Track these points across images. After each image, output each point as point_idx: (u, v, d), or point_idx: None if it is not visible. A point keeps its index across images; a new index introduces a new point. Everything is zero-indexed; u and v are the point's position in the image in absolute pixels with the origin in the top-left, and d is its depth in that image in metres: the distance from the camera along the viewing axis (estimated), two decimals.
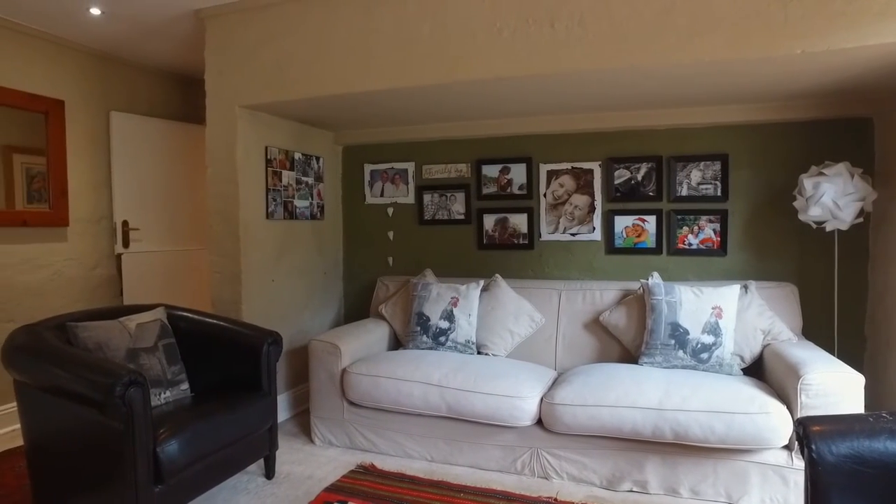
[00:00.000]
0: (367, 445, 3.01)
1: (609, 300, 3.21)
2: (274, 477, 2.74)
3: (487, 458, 2.79)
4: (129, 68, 4.11)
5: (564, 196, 3.58)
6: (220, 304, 3.25)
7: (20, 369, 2.18)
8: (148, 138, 4.14)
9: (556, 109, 3.31)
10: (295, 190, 3.61)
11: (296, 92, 2.98)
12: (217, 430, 2.32)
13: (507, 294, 3.33)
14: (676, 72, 2.48)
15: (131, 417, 1.99)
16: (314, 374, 3.09)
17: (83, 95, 3.79)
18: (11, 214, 3.38)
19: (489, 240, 3.76)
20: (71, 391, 2.07)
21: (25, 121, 3.47)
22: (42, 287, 3.57)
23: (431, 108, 3.25)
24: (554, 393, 2.63)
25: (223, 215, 3.22)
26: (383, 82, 2.78)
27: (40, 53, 3.54)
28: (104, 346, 2.39)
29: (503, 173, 3.71)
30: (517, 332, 3.25)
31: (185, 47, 3.77)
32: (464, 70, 2.64)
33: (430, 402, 2.78)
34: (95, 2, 3.07)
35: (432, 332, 3.23)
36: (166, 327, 2.63)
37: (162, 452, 2.08)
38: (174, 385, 2.53)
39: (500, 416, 2.67)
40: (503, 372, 2.81)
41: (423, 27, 2.71)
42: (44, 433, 2.21)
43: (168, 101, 4.41)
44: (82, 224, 3.79)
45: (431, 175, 3.88)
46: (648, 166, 3.40)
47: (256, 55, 3.06)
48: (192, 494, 2.29)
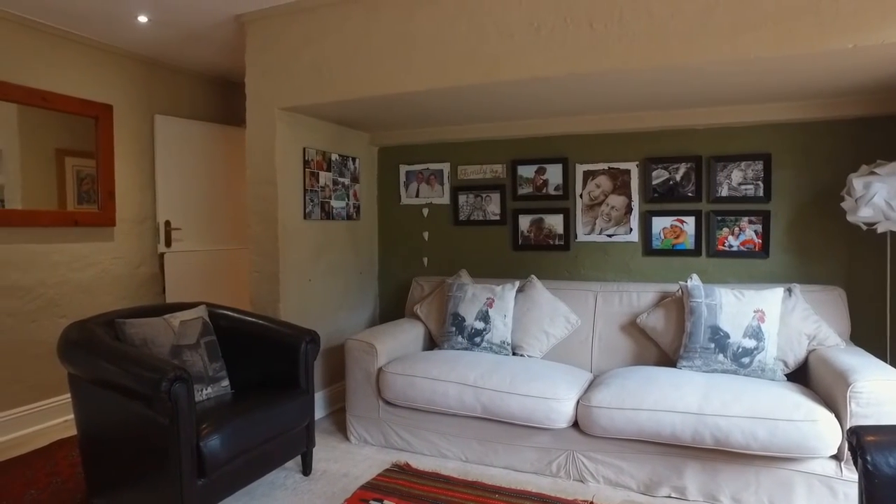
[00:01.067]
0: (402, 444, 3.03)
1: (646, 302, 3.16)
2: (311, 473, 2.77)
3: (522, 460, 2.77)
4: (173, 73, 4.23)
5: (601, 197, 3.54)
6: (259, 303, 3.31)
7: (74, 363, 2.27)
8: (190, 140, 4.26)
9: (593, 109, 3.27)
10: (332, 190, 3.66)
11: (334, 94, 3.02)
12: (257, 427, 2.36)
13: (543, 295, 3.31)
14: (718, 70, 2.43)
15: (176, 412, 2.04)
16: (350, 372, 3.12)
17: (130, 100, 3.92)
18: (64, 215, 3.52)
19: (524, 240, 3.75)
20: (120, 385, 2.14)
21: (77, 125, 3.60)
22: (91, 284, 3.70)
23: (467, 108, 3.25)
24: (590, 395, 2.61)
25: (262, 216, 3.28)
26: (421, 83, 2.80)
27: (91, 61, 3.68)
28: (150, 343, 2.47)
29: (539, 174, 3.69)
30: (553, 333, 3.22)
31: (226, 52, 3.86)
32: (501, 70, 2.63)
33: (466, 402, 2.78)
34: (143, 10, 3.18)
35: (467, 332, 3.23)
36: (208, 325, 2.69)
37: (205, 447, 2.13)
38: (215, 381, 2.59)
39: (535, 417, 2.66)
40: (539, 373, 2.80)
41: (460, 28, 2.72)
42: (95, 424, 2.29)
43: (209, 104, 4.53)
44: (128, 224, 3.92)
45: (466, 176, 3.88)
46: (687, 166, 3.34)
47: (296, 58, 3.12)
48: (233, 488, 2.34)
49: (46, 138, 3.46)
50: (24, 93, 3.30)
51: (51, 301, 3.49)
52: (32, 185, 3.39)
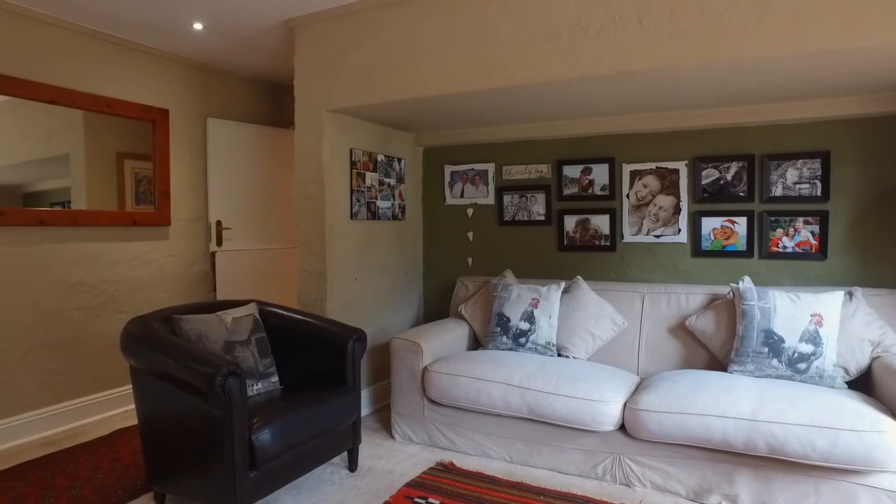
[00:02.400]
0: (446, 443, 3.04)
1: (695, 304, 3.09)
2: (356, 470, 2.82)
3: (567, 462, 2.75)
4: (225, 77, 4.37)
5: (648, 197, 3.48)
6: (306, 301, 3.38)
7: (135, 356, 2.37)
8: (240, 142, 4.39)
9: (641, 108, 3.22)
10: (378, 191, 3.71)
11: (381, 95, 3.06)
12: (306, 422, 2.42)
13: (589, 296, 3.27)
14: (775, 65, 2.35)
15: (230, 406, 2.11)
16: (396, 371, 3.16)
17: (184, 104, 4.07)
18: (123, 214, 3.68)
19: (570, 241, 3.71)
20: (177, 378, 2.22)
21: (135, 129, 3.76)
22: (147, 281, 3.86)
23: (513, 109, 3.24)
24: (638, 398, 2.56)
25: (310, 215, 3.35)
26: (467, 84, 2.81)
27: (150, 67, 3.83)
28: (204, 338, 2.55)
29: (584, 174, 3.65)
30: (598, 334, 3.19)
31: (276, 56, 3.96)
32: (549, 70, 2.62)
33: (511, 402, 2.78)
34: (199, 18, 3.29)
35: (512, 332, 3.22)
36: (258, 322, 2.77)
37: (256, 440, 2.19)
38: (265, 377, 2.66)
39: (581, 419, 2.63)
40: (585, 375, 2.77)
41: (506, 28, 2.71)
42: (154, 415, 2.38)
43: (259, 106, 4.66)
44: (182, 223, 4.07)
45: (511, 176, 3.87)
46: (739, 165, 3.24)
47: (343, 60, 3.17)
48: (282, 482, 2.39)
49: (108, 142, 3.63)
50: (90, 100, 3.47)
51: (111, 297, 3.65)
52: (95, 187, 3.56)
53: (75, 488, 2.62)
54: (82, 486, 2.64)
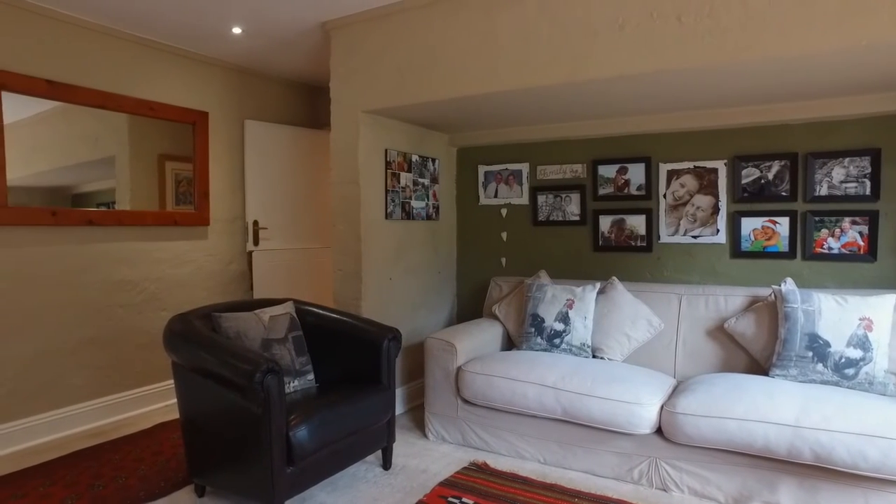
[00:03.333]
0: (480, 443, 3.04)
1: (735, 307, 3.02)
2: (391, 468, 2.84)
3: (602, 465, 2.72)
4: (262, 80, 4.45)
5: (686, 197, 3.41)
6: (342, 300, 3.42)
7: (176, 352, 2.44)
8: (276, 144, 4.47)
9: (679, 106, 3.16)
10: (412, 191, 3.73)
11: (415, 96, 3.07)
12: (342, 420, 2.45)
13: (624, 297, 3.23)
14: (823, 61, 2.27)
15: (268, 403, 2.15)
16: (429, 370, 3.17)
17: (223, 106, 4.16)
18: (165, 215, 3.79)
19: (605, 241, 3.67)
20: (217, 375, 2.28)
21: (175, 132, 3.87)
22: (187, 279, 3.96)
23: (548, 108, 3.22)
24: (675, 401, 2.52)
25: (345, 215, 3.39)
26: (502, 84, 2.80)
27: (190, 71, 3.94)
28: (243, 336, 2.61)
29: (620, 173, 3.60)
30: (634, 336, 3.14)
31: (312, 58, 4.02)
32: (585, 69, 2.59)
33: (545, 403, 2.76)
34: (238, 22, 3.37)
35: (547, 333, 3.20)
36: (295, 320, 2.81)
37: (293, 437, 2.23)
38: (301, 375, 2.70)
39: (617, 421, 2.60)
40: (621, 377, 2.73)
41: (542, 27, 2.70)
42: (195, 410, 2.44)
43: (295, 108, 4.73)
44: (220, 223, 4.16)
45: (546, 176, 3.85)
46: (781, 164, 3.15)
47: (378, 62, 3.20)
48: (318, 478, 2.43)
49: (151, 144, 3.74)
50: (135, 103, 3.58)
51: (153, 295, 3.76)
52: (139, 188, 3.68)
53: (121, 478, 2.71)
54: (127, 476, 2.73)
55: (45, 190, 3.23)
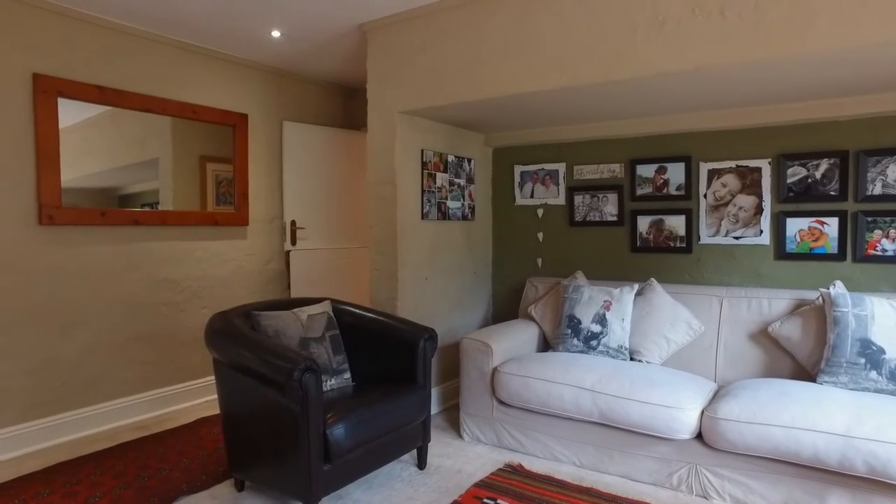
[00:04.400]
0: (515, 445, 3.02)
1: (779, 310, 2.93)
2: (425, 468, 2.85)
3: (640, 470, 2.67)
4: (300, 82, 4.52)
5: (727, 196, 3.33)
6: (378, 300, 3.45)
7: (217, 349, 2.49)
8: (313, 145, 4.53)
9: (720, 104, 3.08)
10: (448, 191, 3.74)
11: (452, 96, 3.07)
12: (378, 419, 2.46)
13: (663, 299, 3.17)
14: (879, 52, 2.16)
15: (306, 400, 2.18)
16: (465, 371, 3.17)
17: (262, 108, 4.24)
18: (206, 215, 3.88)
19: (643, 242, 3.60)
20: (256, 372, 2.32)
21: (216, 134, 3.96)
22: (227, 278, 4.05)
23: (585, 107, 3.18)
24: (716, 406, 2.45)
25: (382, 216, 3.42)
26: (539, 83, 2.78)
27: (230, 74, 4.03)
28: (281, 334, 2.65)
29: (659, 173, 3.53)
30: (673, 339, 3.08)
31: (348, 60, 4.07)
32: (624, 67, 2.55)
33: (582, 406, 2.73)
34: (277, 26, 3.42)
35: (583, 335, 3.17)
36: (332, 319, 2.85)
37: (331, 435, 2.26)
38: (338, 373, 2.73)
39: (656, 426, 2.55)
40: (660, 380, 2.68)
41: (580, 25, 2.67)
42: (235, 406, 2.50)
43: (331, 109, 4.79)
44: (259, 223, 4.24)
45: (583, 176, 3.80)
46: (830, 162, 3.04)
47: (415, 63, 3.21)
48: (354, 476, 2.45)
49: (192, 146, 3.84)
50: (179, 107, 3.68)
51: (195, 293, 3.86)
52: (181, 189, 3.78)
53: (165, 470, 2.79)
54: (171, 468, 2.81)
55: (94, 191, 3.35)
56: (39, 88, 3.06)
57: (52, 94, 3.10)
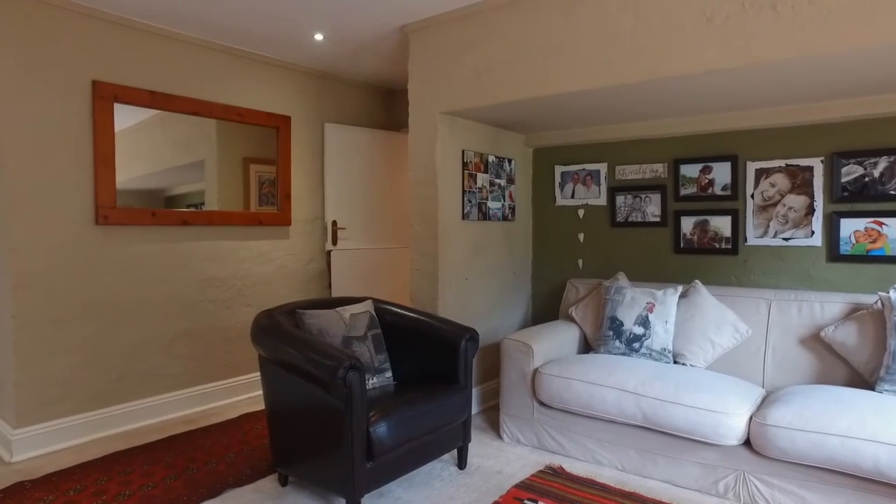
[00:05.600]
0: (555, 447, 3.00)
1: (833, 314, 2.83)
2: (465, 468, 2.85)
3: (684, 475, 2.62)
4: (341, 84, 4.58)
5: (776, 196, 3.23)
6: (419, 300, 3.47)
7: (263, 346, 2.55)
8: (354, 146, 4.59)
9: (769, 101, 2.99)
10: (488, 192, 3.73)
11: (494, 97, 3.07)
12: (420, 418, 2.48)
13: (708, 301, 3.10)
14: None
15: (350, 398, 2.21)
16: (505, 372, 3.16)
17: (304, 110, 4.32)
18: (250, 215, 3.97)
19: (687, 243, 3.53)
20: (301, 369, 2.36)
21: (259, 135, 4.05)
22: (270, 277, 4.14)
23: (629, 106, 3.14)
24: (766, 412, 2.39)
25: (423, 216, 3.44)
26: (583, 83, 2.75)
27: (274, 77, 4.11)
28: (325, 332, 2.70)
29: (704, 173, 3.46)
30: (719, 342, 3.01)
31: (389, 61, 4.10)
32: (670, 66, 2.50)
33: (625, 409, 2.69)
34: (320, 29, 3.48)
35: (626, 337, 3.12)
36: (374, 319, 2.88)
37: (374, 432, 2.28)
38: (380, 372, 2.76)
39: (701, 431, 2.50)
40: (705, 384, 2.62)
41: (624, 23, 2.63)
42: (280, 402, 2.55)
43: (372, 110, 4.84)
44: (301, 224, 4.32)
45: (625, 176, 3.75)
46: (890, 160, 2.92)
47: (456, 63, 3.22)
48: (395, 474, 2.47)
49: (236, 148, 3.93)
50: (224, 110, 3.78)
51: (239, 291, 3.96)
52: (225, 190, 3.88)
53: (212, 463, 2.87)
54: (217, 462, 2.89)
55: (142, 192, 3.46)
56: (98, 94, 3.19)
57: (108, 100, 3.22)
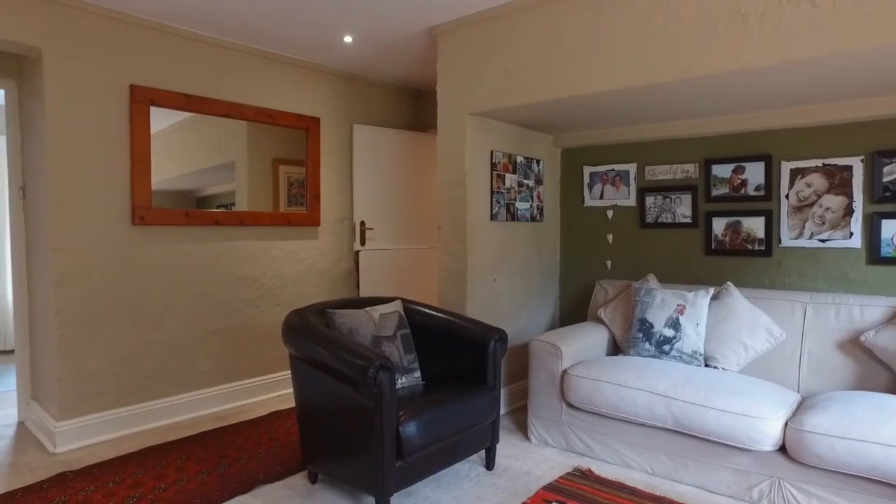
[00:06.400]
0: (584, 449, 2.98)
1: (873, 318, 2.75)
2: (493, 468, 2.85)
3: (717, 481, 2.58)
4: (369, 85, 4.62)
5: (812, 197, 3.15)
6: (447, 300, 3.48)
7: (294, 345, 2.58)
8: (382, 147, 4.62)
9: (805, 99, 2.92)
10: (517, 192, 3.72)
11: (523, 97, 3.06)
12: (449, 418, 2.48)
13: (741, 304, 3.04)
14: None
15: (380, 397, 2.23)
16: (534, 373, 3.15)
17: (333, 112, 4.36)
18: (279, 216, 4.03)
19: (718, 245, 3.47)
20: (332, 368, 2.38)
21: (288, 136, 4.10)
22: (299, 277, 4.19)
23: (659, 106, 3.10)
24: (802, 418, 2.33)
25: (452, 217, 3.44)
26: (613, 83, 2.73)
27: (303, 79, 4.16)
28: (355, 332, 2.72)
29: (736, 173, 3.39)
30: (752, 346, 2.95)
31: (416, 63, 4.12)
32: (703, 64, 2.47)
33: (655, 412, 2.66)
34: (349, 31, 3.52)
35: (655, 339, 3.08)
36: (403, 319, 2.89)
37: (403, 432, 2.29)
38: (409, 372, 2.77)
39: (734, 435, 2.45)
40: (738, 388, 2.57)
41: (655, 22, 2.60)
42: (310, 400, 2.58)
43: (399, 111, 4.87)
44: (329, 224, 4.36)
45: (655, 176, 3.70)
46: None
47: (485, 64, 3.22)
48: (424, 474, 2.48)
49: (266, 149, 3.99)
50: (256, 112, 3.84)
51: (269, 291, 4.01)
52: (255, 190, 3.94)
53: (243, 459, 2.92)
54: (248, 458, 2.94)
55: (174, 193, 3.54)
56: (135, 98, 3.27)
57: (145, 103, 3.30)
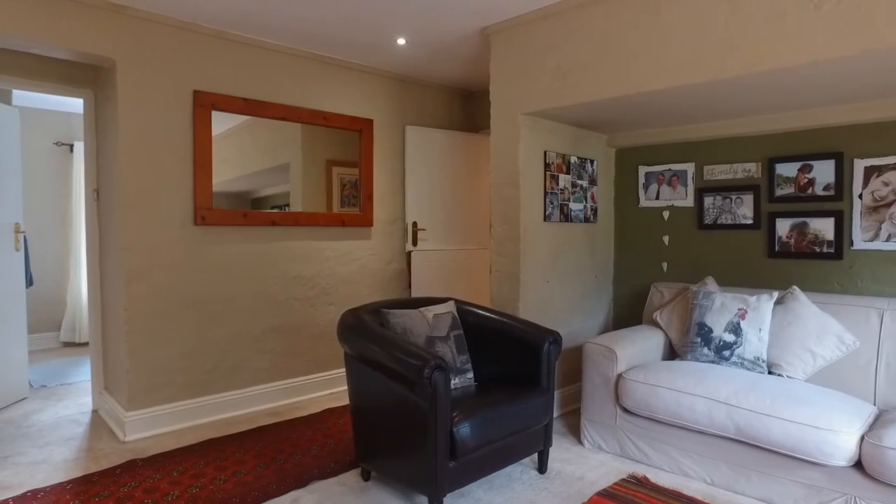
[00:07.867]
0: (639, 456, 2.91)
1: None
2: (546, 472, 2.82)
3: (783, 495, 2.47)
4: (421, 87, 4.65)
5: (889, 197, 2.98)
6: (499, 301, 3.46)
7: (349, 344, 2.62)
8: (434, 148, 4.64)
9: (883, 91, 2.75)
10: (570, 193, 3.67)
11: (577, 96, 3.02)
12: (503, 419, 2.47)
13: (808, 309, 2.91)
14: None
15: (435, 397, 2.24)
16: (587, 376, 3.10)
17: (386, 113, 4.42)
18: (333, 216, 4.10)
19: (782, 247, 3.33)
20: (387, 368, 2.41)
21: (341, 138, 4.17)
22: (352, 277, 4.26)
23: (720, 103, 2.99)
24: (882, 433, 2.20)
25: (505, 217, 3.43)
26: (671, 80, 2.65)
27: (356, 81, 4.23)
28: (409, 332, 2.74)
29: (803, 172, 3.25)
30: (820, 353, 2.81)
31: (468, 64, 4.12)
32: (770, 58, 2.37)
33: (715, 420, 2.57)
34: (402, 34, 3.55)
35: (715, 344, 2.98)
36: (456, 319, 2.89)
37: (457, 432, 2.29)
38: (462, 373, 2.77)
39: (803, 448, 2.34)
40: (806, 397, 2.46)
41: (717, 15, 2.51)
42: (364, 398, 2.61)
43: (451, 113, 4.89)
44: (382, 224, 4.42)
45: (714, 176, 3.58)
46: None
47: (539, 64, 3.19)
48: (477, 475, 2.47)
49: (320, 151, 4.07)
50: (310, 114, 3.93)
51: (323, 290, 4.09)
52: (309, 192, 4.02)
53: (298, 455, 2.99)
54: (303, 454, 3.00)
55: (231, 195, 3.65)
56: (198, 103, 3.40)
57: (207, 108, 3.43)
